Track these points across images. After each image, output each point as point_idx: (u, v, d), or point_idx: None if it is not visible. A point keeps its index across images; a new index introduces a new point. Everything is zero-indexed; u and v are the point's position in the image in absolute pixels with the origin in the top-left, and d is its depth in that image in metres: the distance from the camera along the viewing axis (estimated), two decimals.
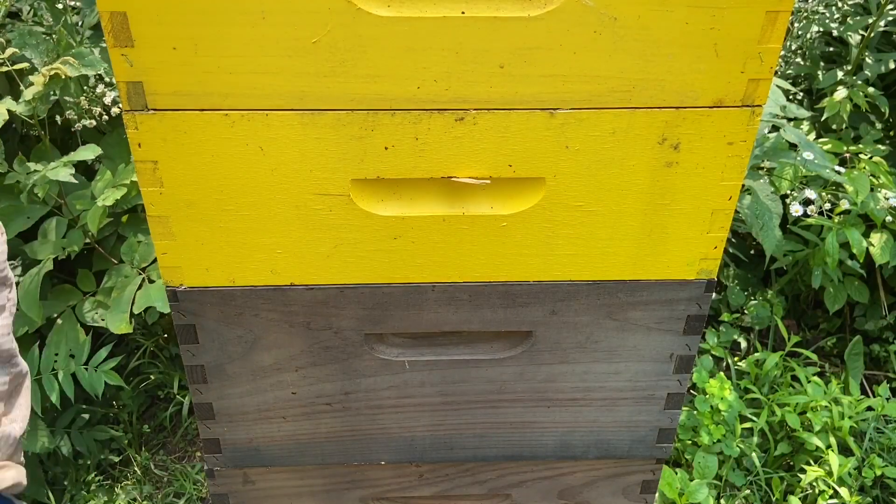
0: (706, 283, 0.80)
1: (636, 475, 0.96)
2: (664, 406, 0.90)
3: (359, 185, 0.72)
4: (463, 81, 0.67)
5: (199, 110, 0.67)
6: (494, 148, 0.70)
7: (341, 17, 0.63)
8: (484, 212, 0.74)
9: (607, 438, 0.92)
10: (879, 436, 1.87)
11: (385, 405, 0.87)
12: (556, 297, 0.80)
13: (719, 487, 1.79)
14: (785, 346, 1.97)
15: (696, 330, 0.84)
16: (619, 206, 0.75)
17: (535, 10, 0.64)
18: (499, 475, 0.95)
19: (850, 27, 2.06)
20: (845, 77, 2.08)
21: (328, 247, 0.75)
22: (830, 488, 1.72)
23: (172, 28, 0.62)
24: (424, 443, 0.91)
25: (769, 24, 0.66)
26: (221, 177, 0.70)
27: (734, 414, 1.79)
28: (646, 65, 0.67)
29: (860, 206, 1.84)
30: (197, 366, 0.82)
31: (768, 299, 2.10)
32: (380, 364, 0.84)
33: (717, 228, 0.77)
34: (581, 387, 0.87)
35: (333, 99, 0.67)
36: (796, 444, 1.82)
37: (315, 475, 0.93)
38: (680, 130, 0.71)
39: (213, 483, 0.93)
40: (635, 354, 0.85)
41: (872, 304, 2.07)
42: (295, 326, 0.80)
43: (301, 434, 0.89)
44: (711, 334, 2.05)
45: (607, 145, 0.71)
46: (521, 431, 0.91)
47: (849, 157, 1.99)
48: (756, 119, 0.71)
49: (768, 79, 0.69)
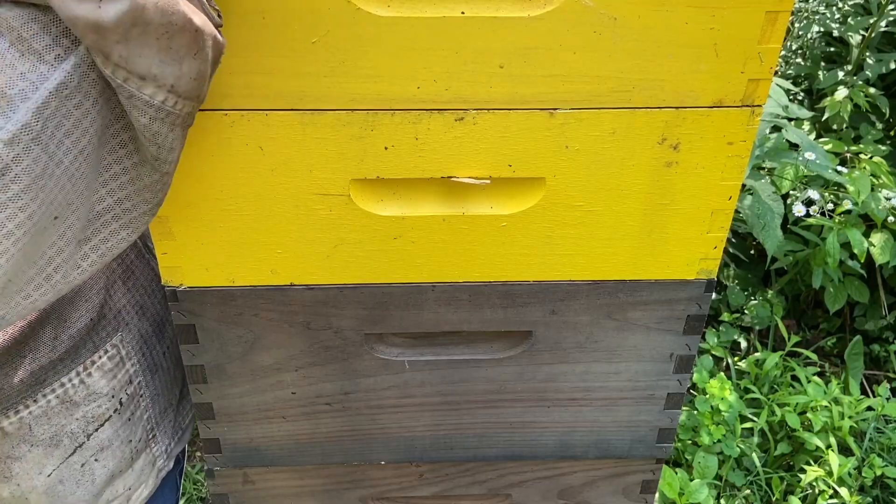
0: (706, 283, 0.80)
1: (636, 475, 0.96)
2: (664, 406, 0.90)
3: (359, 185, 0.72)
4: (463, 81, 0.67)
5: (199, 110, 0.67)
6: (494, 148, 0.70)
7: (341, 16, 0.63)
8: (484, 212, 0.74)
9: (607, 438, 0.92)
10: (879, 436, 1.87)
11: (385, 405, 0.87)
12: (556, 296, 0.80)
13: (719, 487, 1.79)
14: (785, 346, 1.97)
15: (696, 330, 0.84)
16: (619, 206, 0.75)
17: (535, 10, 0.64)
18: (499, 475, 0.95)
19: (851, 27, 2.06)
20: (846, 77, 2.08)
21: (328, 247, 0.75)
22: (830, 488, 1.72)
23: None
24: (424, 443, 0.91)
25: (769, 24, 0.66)
26: (221, 177, 0.70)
27: (734, 414, 1.79)
28: (646, 65, 0.67)
29: (861, 206, 1.84)
30: (197, 366, 0.82)
31: (768, 299, 2.10)
32: (380, 364, 0.84)
33: (717, 228, 0.77)
34: (581, 387, 0.87)
35: (333, 99, 0.67)
36: (796, 444, 1.83)
37: (315, 475, 0.93)
38: (680, 130, 0.71)
39: (213, 483, 0.93)
40: (635, 354, 0.85)
41: (872, 304, 2.07)
42: (295, 326, 0.80)
43: (301, 434, 0.89)
44: (711, 334, 2.05)
45: (607, 145, 0.71)
46: (521, 431, 0.91)
47: (849, 157, 1.99)
48: (756, 119, 0.71)
49: (768, 79, 0.69)
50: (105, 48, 0.49)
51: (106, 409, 0.78)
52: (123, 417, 0.80)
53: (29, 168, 0.49)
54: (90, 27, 0.48)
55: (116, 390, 0.78)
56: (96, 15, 0.47)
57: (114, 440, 0.80)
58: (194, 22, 0.51)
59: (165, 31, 0.50)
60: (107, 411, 0.78)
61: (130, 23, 0.48)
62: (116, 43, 0.49)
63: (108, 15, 0.48)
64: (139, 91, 0.51)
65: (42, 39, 0.49)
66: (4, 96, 0.48)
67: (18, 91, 0.48)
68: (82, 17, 0.47)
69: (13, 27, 0.49)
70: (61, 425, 0.75)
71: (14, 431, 0.72)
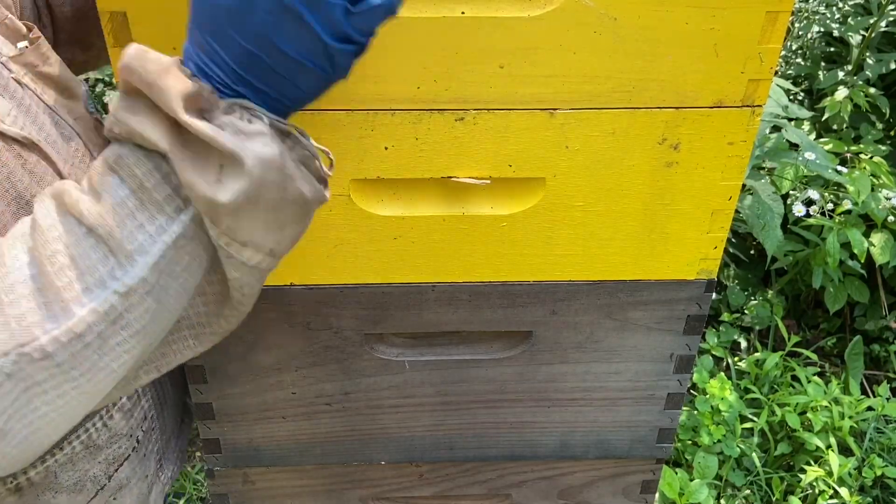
0: (706, 283, 0.80)
1: (636, 475, 0.96)
2: (664, 406, 0.90)
3: (359, 184, 0.72)
4: (463, 81, 0.67)
5: None
6: (494, 148, 0.70)
7: None
8: (484, 212, 0.74)
9: (607, 438, 0.92)
10: (879, 436, 1.87)
11: (385, 405, 0.87)
12: (556, 297, 0.80)
13: (719, 487, 1.79)
14: (785, 346, 1.97)
15: (696, 330, 0.84)
16: (619, 206, 0.75)
17: (535, 10, 0.64)
18: (499, 475, 0.95)
19: (851, 27, 2.06)
20: (846, 77, 2.08)
21: (328, 247, 0.75)
22: (830, 488, 1.72)
23: (172, 28, 0.62)
24: (424, 443, 0.91)
25: (769, 24, 0.66)
26: None
27: (734, 414, 1.79)
28: (646, 65, 0.67)
29: (861, 206, 1.84)
30: (197, 366, 0.82)
31: (768, 299, 2.10)
32: (380, 364, 0.84)
33: (717, 228, 0.77)
34: (581, 387, 0.87)
35: (333, 99, 0.67)
36: (796, 444, 1.83)
37: (315, 475, 0.93)
38: (680, 130, 0.71)
39: (212, 483, 0.93)
40: (635, 354, 0.85)
41: (873, 303, 2.07)
42: (295, 326, 0.80)
43: (301, 434, 0.89)
44: (712, 334, 2.05)
45: (607, 145, 0.71)
46: (521, 431, 0.91)
47: (849, 157, 1.99)
48: (756, 119, 0.71)
49: (768, 79, 0.69)
50: (215, 218, 0.49)
51: (125, 449, 0.78)
52: (140, 454, 0.80)
53: (140, 317, 0.51)
54: (204, 200, 0.48)
55: (133, 429, 0.78)
56: (212, 192, 0.48)
57: (131, 478, 0.80)
58: (305, 195, 0.52)
59: (275, 207, 0.50)
60: (126, 451, 0.78)
61: (244, 201, 0.49)
62: (226, 216, 0.49)
63: (225, 196, 0.48)
64: (238, 254, 0.52)
65: (163, 190, 0.49)
66: (123, 250, 0.49)
67: (138, 245, 0.49)
68: (201, 193, 0.48)
69: (135, 175, 0.49)
70: (85, 470, 0.74)
71: (40, 480, 0.71)
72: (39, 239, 0.49)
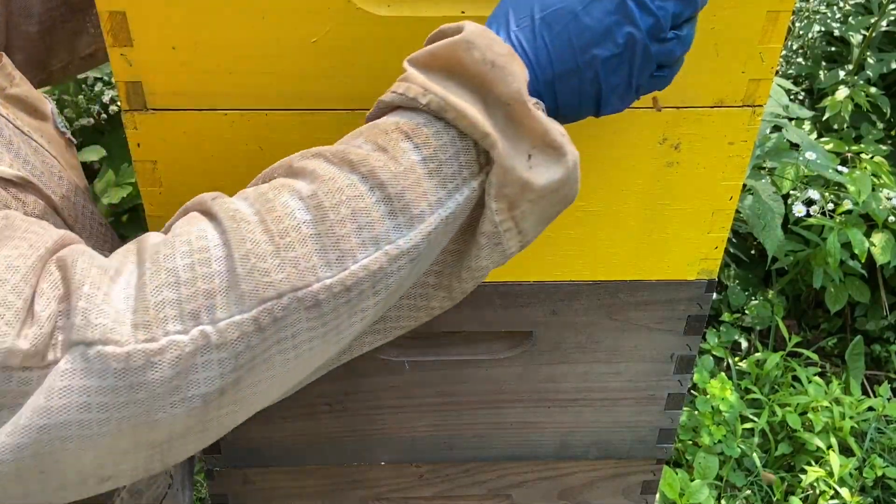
0: (707, 284, 0.80)
1: (637, 476, 0.96)
2: (665, 406, 0.89)
3: None
4: None
5: (199, 110, 0.67)
6: None
7: (341, 16, 0.63)
8: None
9: (608, 439, 0.92)
10: (880, 436, 1.87)
11: (385, 405, 0.87)
12: (557, 297, 0.80)
13: (720, 488, 1.79)
14: (786, 347, 1.97)
15: (696, 330, 0.84)
16: (619, 206, 0.75)
17: None
18: (499, 476, 0.95)
19: (852, 27, 2.06)
20: (847, 77, 2.08)
21: None
22: (831, 489, 1.72)
23: (172, 28, 0.62)
24: (424, 443, 0.91)
25: (770, 23, 0.65)
26: (221, 177, 0.70)
27: (735, 414, 1.79)
28: None
29: (861, 206, 1.84)
30: None
31: (769, 299, 2.10)
32: (380, 364, 0.84)
33: (717, 228, 0.77)
34: (581, 387, 0.87)
35: (333, 99, 0.67)
36: (797, 445, 1.82)
37: (315, 475, 0.93)
38: (680, 130, 0.70)
39: (212, 483, 0.92)
40: (636, 355, 0.85)
41: (873, 304, 2.06)
42: None
43: (301, 434, 0.88)
44: (712, 334, 2.04)
45: (607, 145, 0.71)
46: (522, 432, 0.91)
47: (850, 157, 1.99)
48: (757, 119, 0.71)
49: (769, 79, 0.68)
50: (517, 201, 0.50)
51: (163, 489, 0.77)
52: (174, 490, 0.80)
53: (394, 283, 0.50)
54: (519, 182, 0.49)
55: None
56: (528, 175, 0.49)
57: None
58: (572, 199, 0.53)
59: (558, 202, 0.52)
60: (163, 489, 0.77)
61: (551, 190, 0.50)
62: (529, 201, 0.50)
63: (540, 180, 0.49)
64: (507, 241, 0.52)
65: (451, 165, 0.50)
66: (408, 213, 0.49)
67: (419, 212, 0.49)
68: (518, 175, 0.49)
69: (430, 144, 0.49)
70: None
71: None
72: (322, 187, 0.48)
